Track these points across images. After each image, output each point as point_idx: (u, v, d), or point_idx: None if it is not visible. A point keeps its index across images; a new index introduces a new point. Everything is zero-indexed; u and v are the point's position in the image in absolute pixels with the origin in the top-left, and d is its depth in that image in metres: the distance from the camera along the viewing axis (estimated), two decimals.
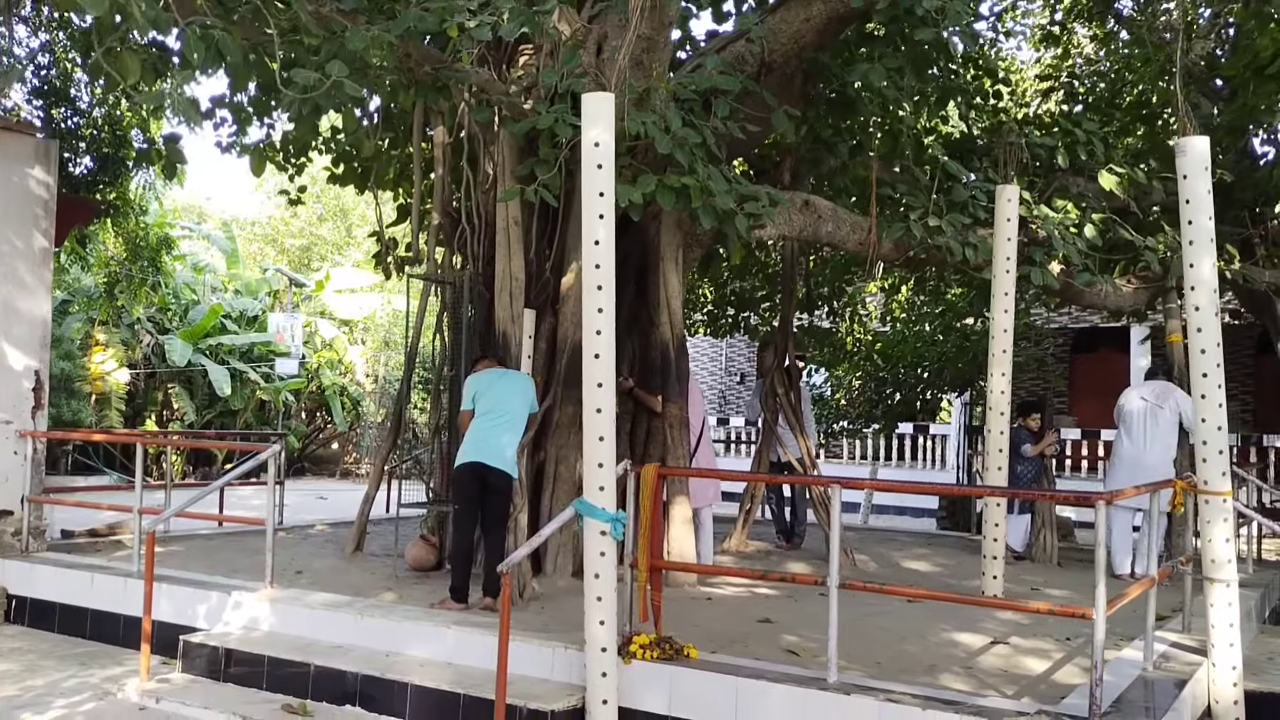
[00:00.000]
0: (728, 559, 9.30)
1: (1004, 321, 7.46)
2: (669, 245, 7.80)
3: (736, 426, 23.10)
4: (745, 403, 10.41)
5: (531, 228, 7.84)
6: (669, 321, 7.77)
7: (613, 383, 5.07)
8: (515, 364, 7.37)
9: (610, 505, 4.99)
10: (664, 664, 5.06)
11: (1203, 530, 5.61)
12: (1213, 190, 9.88)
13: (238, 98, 8.83)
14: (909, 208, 8.08)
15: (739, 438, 22.84)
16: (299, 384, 22.66)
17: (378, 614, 6.02)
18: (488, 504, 6.70)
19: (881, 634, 6.09)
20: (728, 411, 25.00)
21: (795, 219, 8.09)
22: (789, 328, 9.74)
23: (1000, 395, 7.45)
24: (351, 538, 8.75)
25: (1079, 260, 8.15)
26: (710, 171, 7.04)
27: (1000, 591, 7.41)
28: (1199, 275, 5.58)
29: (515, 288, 7.50)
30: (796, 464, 9.51)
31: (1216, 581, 5.51)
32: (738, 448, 22.67)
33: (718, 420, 23.42)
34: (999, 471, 7.46)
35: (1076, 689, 4.95)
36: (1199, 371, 5.56)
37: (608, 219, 5.06)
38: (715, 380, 25.95)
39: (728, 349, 25.51)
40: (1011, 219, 7.42)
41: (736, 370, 25.77)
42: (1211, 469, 5.54)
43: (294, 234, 31.69)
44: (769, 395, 9.68)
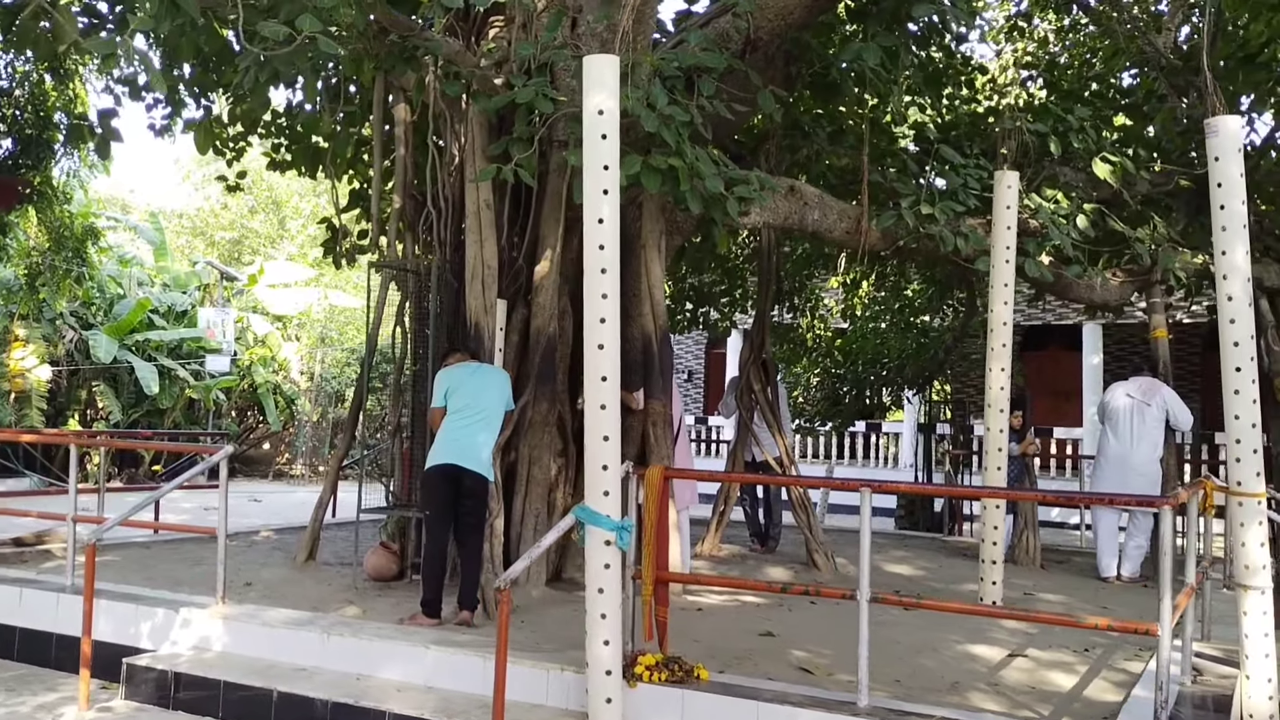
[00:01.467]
0: (702, 563, 8.86)
1: (1003, 314, 7.11)
2: (651, 232, 7.33)
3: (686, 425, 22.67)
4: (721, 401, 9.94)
5: (503, 211, 7.31)
6: (651, 313, 7.30)
7: (617, 377, 4.58)
8: (488, 358, 6.84)
9: (615, 512, 4.50)
10: (674, 687, 4.59)
11: (1235, 534, 5.27)
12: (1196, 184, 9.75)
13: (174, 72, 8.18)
14: (900, 195, 7.71)
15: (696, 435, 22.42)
16: (230, 382, 21.74)
17: (346, 632, 5.45)
18: (462, 509, 6.18)
19: (893, 647, 5.69)
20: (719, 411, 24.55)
21: (780, 206, 7.67)
22: (765, 322, 9.32)
23: (999, 391, 7.10)
24: (303, 545, 8.13)
25: (1072, 251, 7.85)
26: (698, 153, 6.59)
27: (999, 598, 7.08)
28: (1232, 263, 5.25)
29: (488, 276, 6.97)
30: (774, 463, 9.10)
31: (1251, 589, 5.17)
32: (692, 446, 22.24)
33: None
34: (999, 472, 7.11)
35: (1123, 708, 4.57)
36: (1232, 365, 5.22)
37: (612, 195, 4.57)
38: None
39: (676, 345, 25.09)
40: (1011, 206, 7.08)
41: (685, 368, 25.36)
42: (1245, 469, 5.21)
43: (224, 226, 30.59)
44: (744, 392, 9.26)
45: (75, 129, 8.63)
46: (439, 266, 7.24)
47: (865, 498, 4.50)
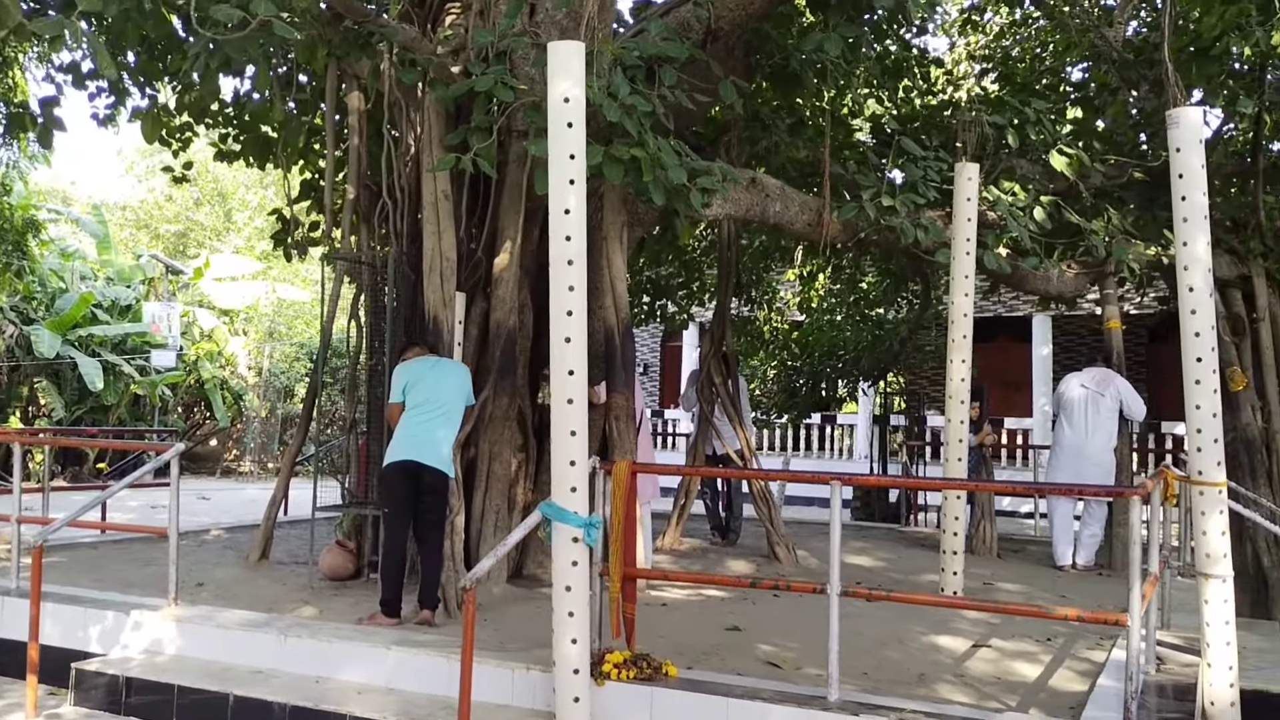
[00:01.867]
0: (664, 558, 8.81)
1: (964, 305, 7.13)
2: (613, 224, 7.25)
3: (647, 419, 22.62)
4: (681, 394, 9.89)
5: (461, 202, 7.18)
6: (614, 305, 7.22)
7: (585, 370, 4.50)
8: (447, 351, 6.72)
9: (582, 508, 4.42)
10: (642, 685, 4.52)
11: (1197, 523, 5.32)
12: (1149, 177, 9.86)
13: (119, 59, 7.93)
14: (861, 187, 7.69)
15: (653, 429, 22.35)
16: (176, 377, 21.33)
17: (304, 633, 5.32)
18: (422, 506, 6.06)
19: (858, 639, 5.66)
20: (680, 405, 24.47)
21: (742, 198, 7.62)
22: (725, 314, 9.27)
23: (960, 383, 7.12)
24: (256, 544, 7.96)
25: (1029, 243, 7.89)
26: (661, 143, 6.52)
27: (960, 588, 7.10)
28: (1193, 253, 5.28)
29: (446, 268, 6.84)
30: (735, 456, 9.07)
31: (1212, 577, 5.21)
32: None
33: None
34: (960, 463, 7.13)
35: (1090, 699, 4.59)
36: (1193, 355, 5.25)
37: (579, 185, 4.48)
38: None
39: None
40: (971, 198, 7.09)
41: (641, 361, 25.27)
42: (1206, 458, 5.25)
43: (169, 219, 29.98)
44: (705, 386, 9.21)
45: (15, 118, 8.34)
46: (395, 259, 7.10)
47: (835, 491, 4.46)
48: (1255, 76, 8.87)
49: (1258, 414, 9.21)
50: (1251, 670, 6.02)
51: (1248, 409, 9.21)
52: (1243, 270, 9.44)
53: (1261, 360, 9.31)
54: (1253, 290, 9.41)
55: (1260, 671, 6.03)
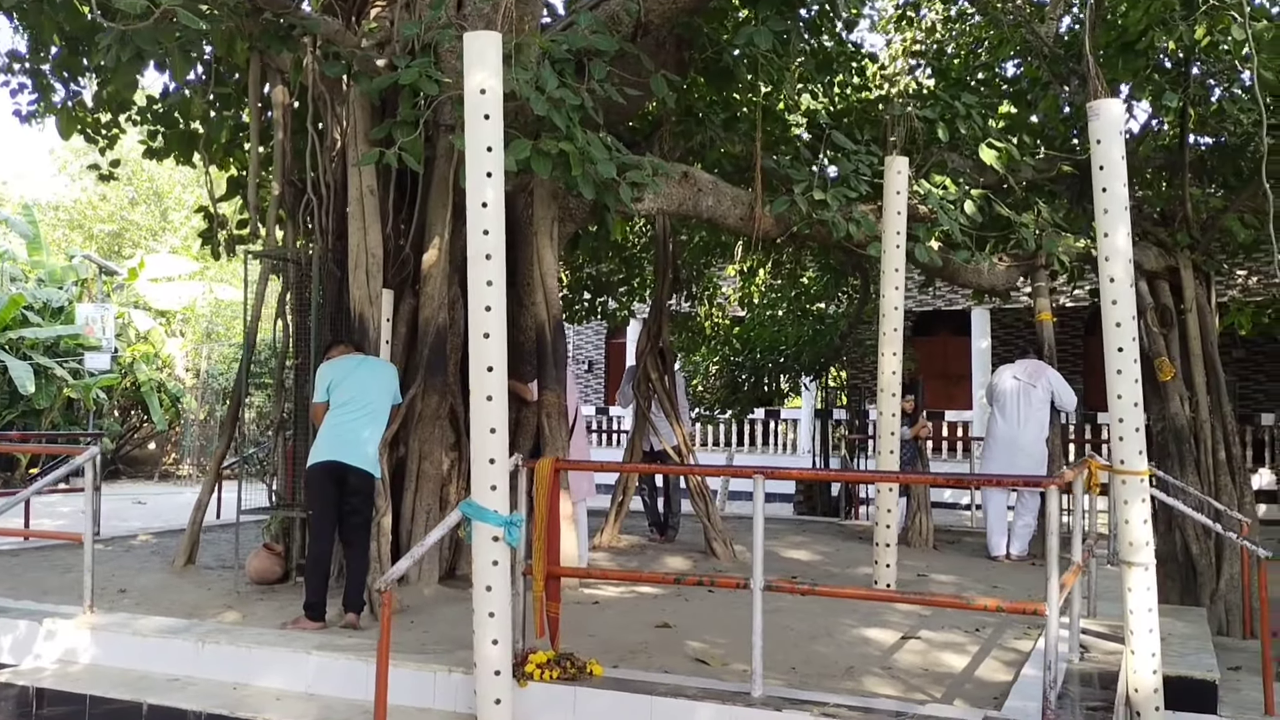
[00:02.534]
0: (601, 555, 8.75)
1: (894, 299, 7.14)
2: (543, 219, 7.17)
3: (586, 415, 22.56)
4: (619, 390, 9.84)
5: (388, 198, 7.07)
6: (544, 302, 7.14)
7: (504, 367, 4.42)
8: (374, 350, 6.60)
9: (503, 506, 4.35)
10: (565, 685, 4.46)
11: (1119, 512, 5.37)
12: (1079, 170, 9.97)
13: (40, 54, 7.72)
14: (793, 181, 7.69)
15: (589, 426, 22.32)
16: (111, 380, 20.87)
17: (223, 639, 5.19)
18: (348, 508, 5.95)
19: (787, 634, 5.65)
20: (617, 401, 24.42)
21: (674, 192, 7.59)
22: (662, 310, 9.23)
23: (891, 376, 7.13)
24: (182, 549, 7.78)
25: (960, 237, 7.94)
26: (590, 138, 6.47)
27: (893, 581, 7.12)
28: (1114, 245, 5.33)
29: (372, 265, 6.72)
30: (672, 452, 9.03)
31: (1135, 565, 5.27)
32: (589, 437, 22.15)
33: None
34: (892, 455, 7.15)
35: (1013, 689, 4.60)
36: (1114, 345, 5.31)
37: (496, 178, 4.41)
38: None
39: (576, 336, 24.93)
40: (901, 191, 7.10)
41: (585, 359, 25.23)
42: (1128, 447, 5.30)
43: (103, 219, 29.33)
44: (642, 382, 9.16)
45: None
46: (320, 256, 6.97)
47: (758, 485, 4.44)
48: (1180, 71, 9.01)
49: (1186, 404, 9.37)
50: (1176, 656, 6.12)
51: (1176, 399, 9.37)
52: (1170, 262, 9.59)
53: (1189, 351, 9.48)
54: (1180, 282, 9.57)
55: (1185, 658, 6.13)
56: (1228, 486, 9.13)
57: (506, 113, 6.66)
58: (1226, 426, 9.35)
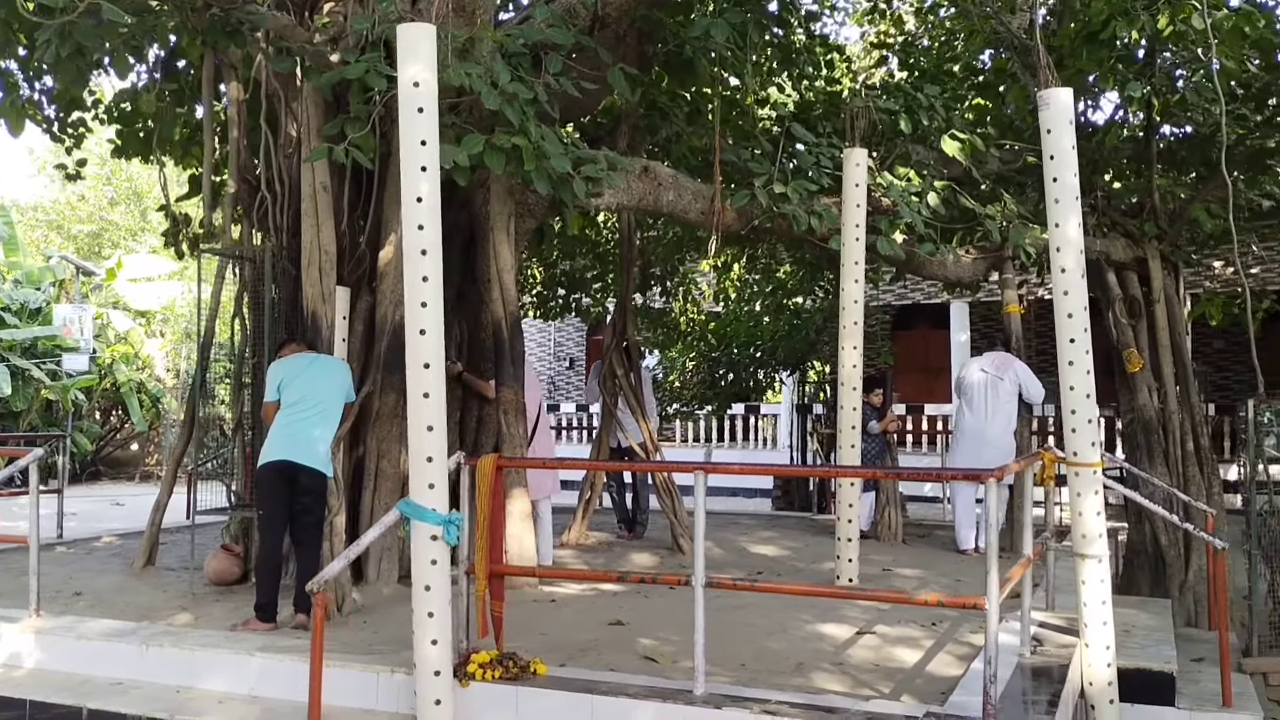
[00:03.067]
0: (568, 553, 8.70)
1: (854, 292, 7.10)
2: (499, 214, 7.10)
3: (567, 413, 22.49)
4: (584, 386, 9.79)
5: (343, 195, 7.01)
6: (501, 298, 7.07)
7: (441, 363, 4.37)
8: (328, 348, 6.53)
9: (442, 505, 4.29)
10: (508, 685, 4.41)
11: (1073, 504, 5.34)
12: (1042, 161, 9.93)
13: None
14: (754, 174, 7.63)
15: (571, 424, 22.26)
16: (90, 381, 20.72)
17: (167, 642, 5.13)
18: (299, 507, 5.88)
19: (742, 630, 5.61)
20: (557, 397, 24.35)
21: (635, 187, 7.53)
22: (627, 305, 9.17)
23: (852, 369, 7.09)
24: (141, 550, 7.71)
25: (924, 229, 7.89)
26: (544, 132, 6.40)
27: (855, 576, 7.08)
28: (1065, 235, 5.30)
29: (325, 262, 6.66)
30: (638, 449, 8.98)
31: (1088, 557, 5.25)
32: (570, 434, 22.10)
33: (548, 407, 22.71)
34: (852, 450, 7.11)
35: (960, 683, 4.57)
36: (1066, 336, 5.27)
37: (432, 171, 4.35)
38: (544, 365, 25.25)
39: (556, 333, 24.87)
40: (860, 184, 7.06)
41: (566, 355, 25.15)
42: (1081, 439, 5.27)
43: (82, 219, 29.15)
44: (607, 377, 9.10)
45: None
46: (274, 253, 6.90)
47: (700, 480, 4.39)
48: (1147, 61, 8.98)
49: (1154, 395, 9.34)
50: (1137, 648, 6.08)
51: (1144, 390, 9.34)
52: (1138, 253, 9.56)
53: (1158, 342, 9.45)
54: (1148, 272, 9.54)
55: (1145, 649, 6.10)
56: (1196, 478, 9.10)
57: (461, 108, 6.68)
58: (1195, 417, 9.33)
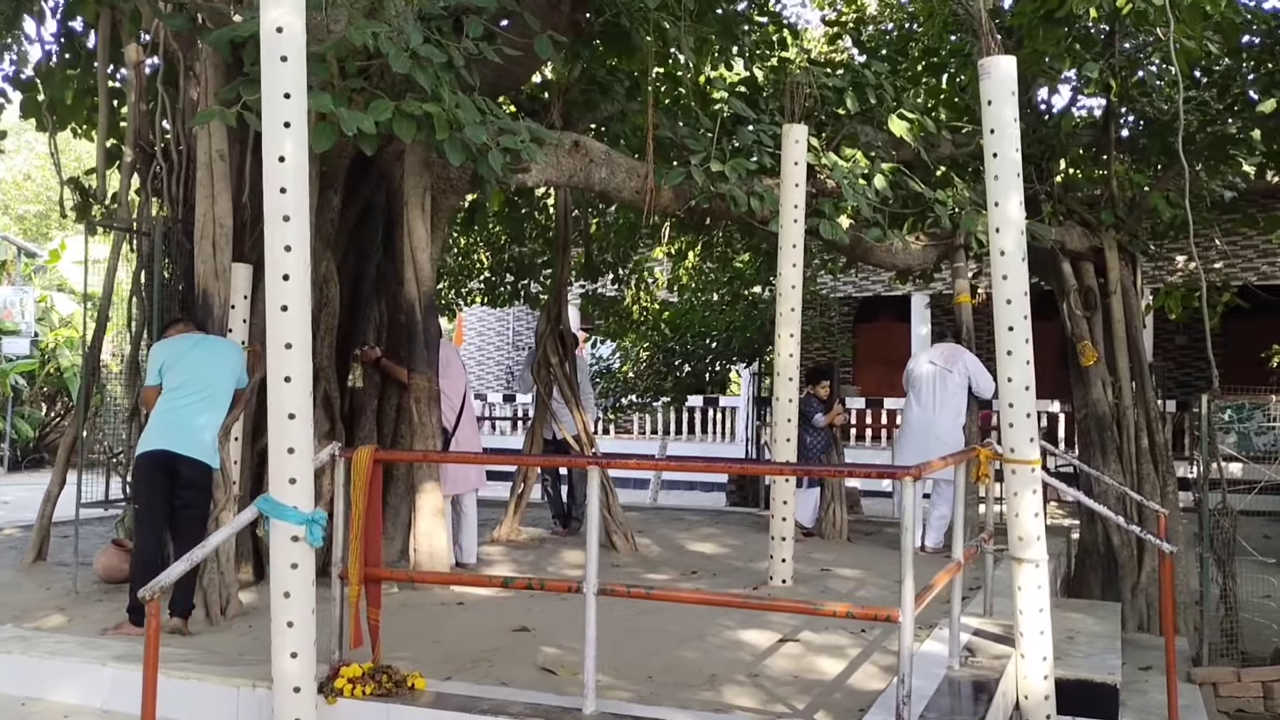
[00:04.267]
0: (496, 549, 8.28)
1: (791, 277, 6.70)
2: (414, 189, 6.65)
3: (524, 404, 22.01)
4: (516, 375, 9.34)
5: (245, 165, 6.53)
6: (415, 278, 6.62)
7: (306, 344, 3.92)
8: (219, 329, 6.05)
9: (305, 502, 3.85)
10: (379, 701, 3.98)
11: (1009, 503, 4.97)
12: None
13: None
14: (690, 152, 7.23)
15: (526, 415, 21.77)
16: (31, 365, 20.07)
17: (15, 648, 4.66)
18: (179, 501, 5.42)
19: (657, 637, 5.20)
20: (514, 388, 23.87)
21: (564, 163, 7.10)
22: (563, 290, 8.74)
23: (789, 359, 6.70)
24: (32, 544, 7.22)
25: (869, 213, 7.51)
26: (460, 99, 5.96)
27: (790, 576, 6.70)
28: (1005, 214, 4.91)
29: (220, 236, 6.17)
30: (572, 442, 8.55)
31: (1025, 562, 4.87)
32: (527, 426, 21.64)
33: (503, 397, 22.28)
34: (788, 444, 6.72)
35: (879, 699, 4.18)
36: (1004, 324, 4.89)
37: (297, 129, 3.89)
38: (501, 355, 24.81)
39: (514, 321, 24.39)
40: (800, 163, 6.65)
41: (524, 344, 24.65)
42: (1018, 434, 4.89)
43: (29, 199, 28.36)
44: (541, 366, 8.67)
45: None
46: (168, 226, 6.42)
47: (593, 475, 3.98)
48: (1106, 42, 8.64)
49: (1109, 390, 9.02)
50: (1080, 657, 5.73)
51: (1099, 384, 9.02)
52: (1095, 242, 9.24)
53: (1113, 334, 9.12)
54: (1105, 263, 9.21)
55: (1089, 659, 5.74)
56: (1150, 476, 8.79)
57: (372, 72, 6.22)
58: (1150, 414, 9.01)
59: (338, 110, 5.68)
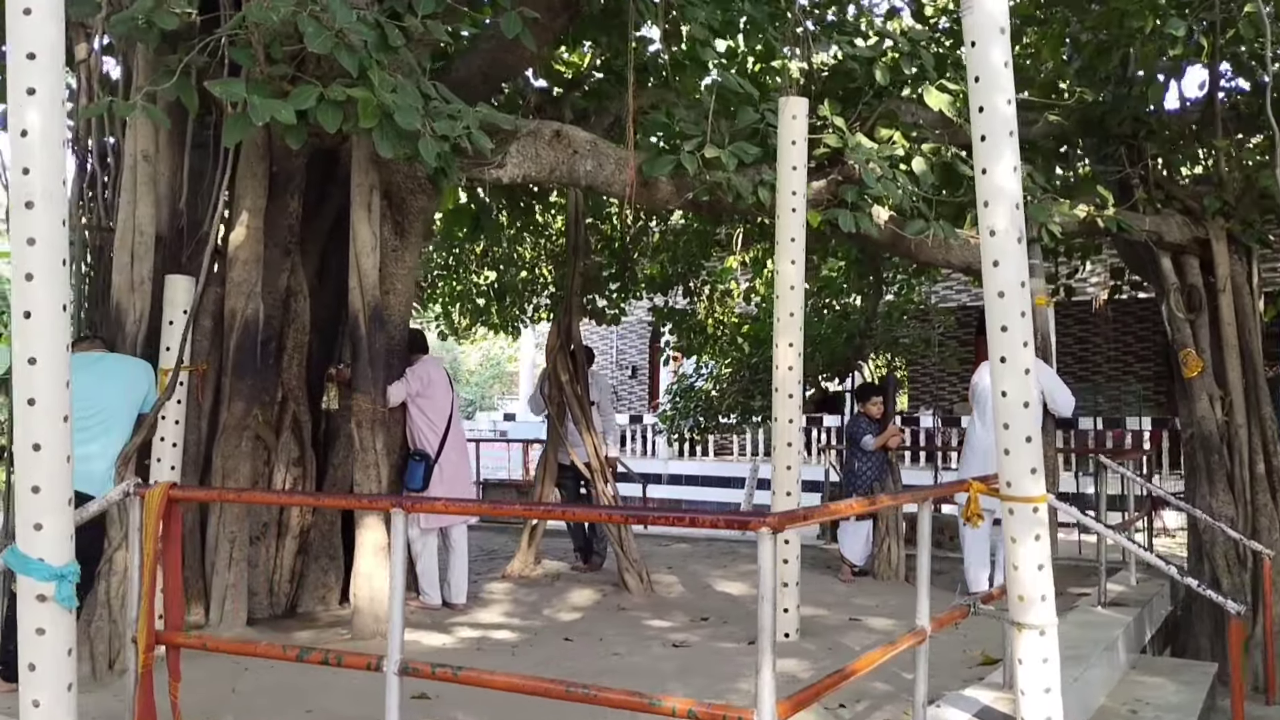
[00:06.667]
0: (503, 587, 7.51)
1: (791, 275, 5.71)
2: (360, 186, 5.96)
3: (620, 424, 21.25)
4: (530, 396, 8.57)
5: (182, 167, 5.96)
6: (359, 286, 5.92)
7: (60, 357, 3.20)
8: (131, 347, 5.46)
9: (57, 552, 3.13)
10: None
11: (1008, 552, 3.89)
12: (1084, 124, 8.32)
13: None
14: (683, 136, 6.33)
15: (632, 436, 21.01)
16: None
17: None
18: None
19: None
20: (620, 408, 23.12)
21: (544, 155, 6.30)
22: (573, 302, 7.91)
23: (788, 372, 5.70)
24: None
25: (899, 200, 6.43)
26: (399, 84, 5.24)
27: (795, 629, 5.70)
28: (994, 184, 3.85)
29: (139, 245, 5.59)
30: (583, 468, 7.70)
31: (1026, 628, 3.80)
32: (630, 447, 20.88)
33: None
34: (788, 472, 5.72)
35: None
36: (996, 323, 3.84)
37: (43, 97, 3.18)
38: (605, 375, 24.05)
39: (619, 340, 23.66)
40: (798, 141, 5.66)
41: (629, 364, 23.93)
42: (1016, 463, 3.83)
43: None
44: (552, 385, 7.86)
45: None
46: (93, 233, 5.90)
47: (399, 520, 3.13)
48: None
49: (1217, 405, 7.64)
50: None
51: (1205, 399, 7.65)
52: (1199, 233, 7.87)
53: (1222, 340, 7.74)
54: (1212, 257, 7.84)
55: None
56: (1267, 507, 7.37)
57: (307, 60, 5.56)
58: (1266, 433, 7.56)
59: (249, 98, 5.05)
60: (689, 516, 2.74)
